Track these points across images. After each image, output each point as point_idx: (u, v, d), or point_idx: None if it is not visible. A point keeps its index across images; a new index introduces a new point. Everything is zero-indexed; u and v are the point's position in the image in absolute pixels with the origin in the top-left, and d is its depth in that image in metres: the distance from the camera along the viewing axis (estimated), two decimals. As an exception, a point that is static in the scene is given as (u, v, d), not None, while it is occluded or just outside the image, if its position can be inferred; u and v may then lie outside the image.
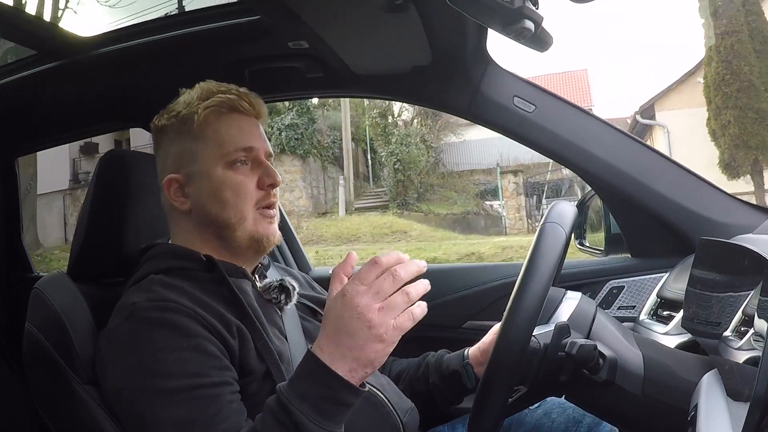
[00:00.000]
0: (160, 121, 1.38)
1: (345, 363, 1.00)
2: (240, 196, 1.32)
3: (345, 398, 1.01)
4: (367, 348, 0.99)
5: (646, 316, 1.76)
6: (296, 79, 1.94)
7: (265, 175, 1.35)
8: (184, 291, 1.21)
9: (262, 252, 1.38)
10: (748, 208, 1.79)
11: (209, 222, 1.33)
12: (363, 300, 0.98)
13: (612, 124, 1.89)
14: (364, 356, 0.99)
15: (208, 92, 1.36)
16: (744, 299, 1.07)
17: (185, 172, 1.34)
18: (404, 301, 0.99)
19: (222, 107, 1.34)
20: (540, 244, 1.12)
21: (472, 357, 1.51)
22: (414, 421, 1.41)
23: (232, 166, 1.32)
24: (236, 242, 1.33)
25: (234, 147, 1.32)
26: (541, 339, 1.14)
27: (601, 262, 2.09)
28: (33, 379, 1.35)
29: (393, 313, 0.99)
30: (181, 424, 1.07)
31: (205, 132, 1.33)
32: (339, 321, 1.00)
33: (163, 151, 1.39)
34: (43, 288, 1.35)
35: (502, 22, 1.00)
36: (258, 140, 1.37)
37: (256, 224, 1.33)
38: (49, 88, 1.96)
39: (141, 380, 1.11)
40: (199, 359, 1.13)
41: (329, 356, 1.00)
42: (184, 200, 1.34)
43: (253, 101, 1.38)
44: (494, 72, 1.88)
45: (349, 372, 1.00)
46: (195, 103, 1.34)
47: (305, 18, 1.50)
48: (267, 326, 1.28)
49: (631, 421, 1.18)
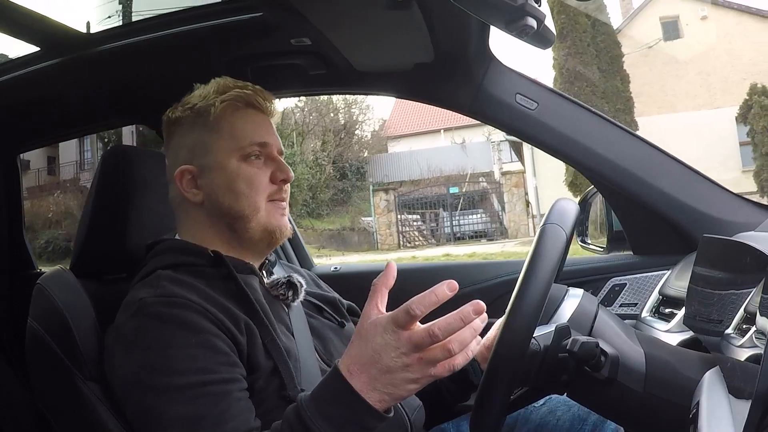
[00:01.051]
0: (174, 114, 1.38)
1: (376, 393, 0.99)
2: (254, 188, 1.32)
3: (369, 423, 1.01)
4: (401, 387, 0.99)
5: (648, 314, 1.76)
6: (299, 76, 1.94)
7: (278, 170, 1.36)
8: (192, 286, 1.21)
9: (273, 244, 1.38)
10: (751, 206, 1.79)
11: (222, 214, 1.33)
12: (405, 348, 0.97)
13: (615, 122, 1.89)
14: (397, 393, 1.00)
15: (224, 87, 1.37)
16: (746, 297, 1.07)
17: (198, 163, 1.34)
18: (444, 356, 0.98)
19: (238, 101, 1.36)
20: (540, 245, 1.12)
21: (477, 353, 1.50)
22: (420, 419, 1.41)
23: (247, 159, 1.33)
24: (249, 234, 1.33)
25: (249, 141, 1.34)
26: (541, 341, 1.14)
27: (603, 259, 2.09)
28: (35, 375, 1.35)
29: (432, 364, 0.98)
30: (189, 421, 1.07)
31: (221, 125, 1.34)
32: (377, 356, 0.99)
33: (175, 143, 1.39)
34: (45, 284, 1.35)
35: (505, 19, 1.00)
36: (272, 137, 1.38)
37: (270, 216, 1.34)
38: (52, 85, 1.96)
39: (149, 377, 1.11)
40: (208, 355, 1.12)
41: (361, 384, 0.99)
42: (197, 192, 1.34)
43: (267, 98, 1.40)
44: (497, 69, 1.88)
45: (379, 402, 1.00)
46: (212, 96, 1.35)
47: (308, 15, 1.50)
48: (274, 322, 1.27)
49: (633, 418, 1.18)
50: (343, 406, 1.00)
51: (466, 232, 19.73)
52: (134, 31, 1.79)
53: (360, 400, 0.99)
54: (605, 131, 1.86)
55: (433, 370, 0.98)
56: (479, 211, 20.02)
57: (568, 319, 1.20)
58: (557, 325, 1.14)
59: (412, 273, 2.38)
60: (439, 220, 20.62)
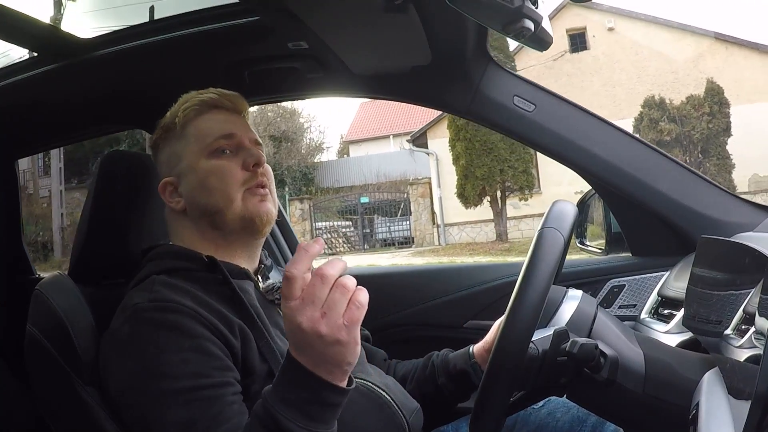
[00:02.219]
0: (153, 138, 1.44)
1: (321, 367, 0.98)
2: (225, 181, 1.33)
3: (330, 399, 1.00)
4: (329, 353, 0.96)
5: (647, 315, 1.76)
6: (296, 80, 1.94)
7: (248, 156, 1.36)
8: (187, 291, 1.21)
9: (257, 233, 1.37)
10: (749, 207, 1.79)
11: (201, 213, 1.34)
12: (302, 316, 0.94)
13: (613, 123, 1.89)
14: (332, 360, 0.97)
15: (187, 98, 1.42)
16: (745, 297, 1.07)
17: (176, 172, 1.38)
18: (343, 294, 0.95)
19: (201, 106, 1.39)
20: (538, 249, 1.12)
21: (478, 355, 1.50)
22: (419, 421, 1.41)
23: (215, 155, 1.35)
24: (229, 227, 1.34)
25: (214, 136, 1.36)
26: (539, 345, 1.14)
27: (601, 261, 2.09)
28: (34, 380, 1.35)
29: (338, 313, 0.94)
30: (183, 425, 1.07)
31: (186, 131, 1.38)
32: (294, 337, 0.97)
33: (158, 163, 1.44)
34: (44, 289, 1.35)
35: (502, 21, 1.00)
36: (239, 128, 1.40)
37: (246, 203, 1.34)
38: (49, 90, 1.96)
39: (143, 382, 1.11)
40: (201, 360, 1.13)
41: (308, 363, 0.98)
42: (179, 200, 1.37)
43: (233, 98, 1.43)
44: (494, 72, 1.88)
45: (329, 374, 0.98)
46: (175, 109, 1.40)
47: (305, 18, 1.50)
48: (269, 326, 1.28)
49: (633, 419, 1.18)
50: (301, 388, 0.99)
51: (397, 239, 20.27)
52: (131, 35, 1.79)
53: (314, 377, 0.98)
54: (603, 133, 1.86)
55: (342, 319, 0.94)
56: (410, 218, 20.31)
57: (567, 321, 1.20)
58: (555, 330, 1.14)
59: (408, 275, 2.39)
60: (374, 226, 21.00)
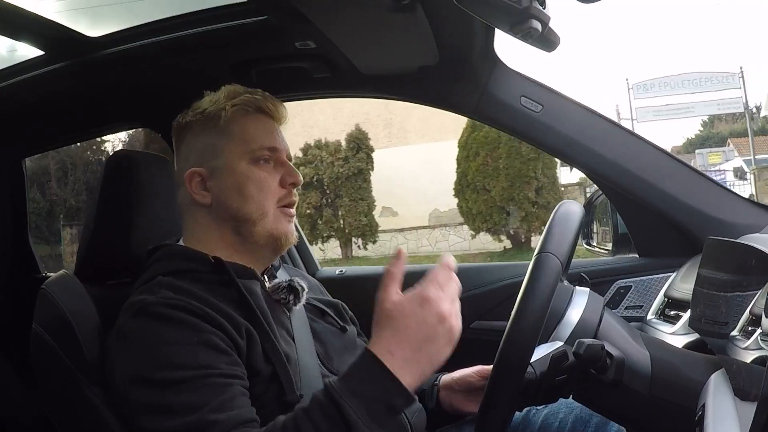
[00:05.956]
0: (184, 118, 1.40)
1: (416, 368, 1.01)
2: (263, 192, 1.33)
3: (398, 403, 1.01)
4: (442, 352, 1.02)
5: (653, 316, 1.76)
6: (303, 80, 1.95)
7: (287, 174, 1.37)
8: (193, 293, 1.21)
9: (279, 251, 1.39)
10: (756, 208, 1.79)
11: (229, 216, 1.34)
12: (445, 305, 1.02)
13: (619, 124, 1.89)
14: (436, 360, 1.02)
15: (234, 92, 1.39)
16: (751, 299, 1.07)
17: (209, 166, 1.35)
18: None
19: (248, 106, 1.38)
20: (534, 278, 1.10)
21: (443, 380, 1.54)
22: (422, 422, 1.41)
23: (257, 163, 1.35)
24: (254, 238, 1.34)
25: (259, 145, 1.35)
26: (537, 367, 1.13)
27: (608, 261, 2.09)
28: (39, 379, 1.35)
29: (459, 316, 1.03)
30: (192, 408, 1.06)
31: (231, 128, 1.36)
32: (423, 327, 1.01)
33: (185, 147, 1.40)
34: (50, 288, 1.35)
35: (510, 22, 1.00)
36: (281, 142, 1.40)
37: (277, 222, 1.34)
38: (56, 89, 1.96)
39: (151, 372, 1.11)
40: (210, 353, 1.13)
41: (402, 362, 1.01)
42: (206, 194, 1.35)
43: (277, 105, 1.42)
44: (501, 72, 1.87)
45: (417, 378, 1.02)
46: (222, 101, 1.37)
47: (312, 18, 1.50)
48: (275, 327, 1.27)
49: (639, 421, 1.18)
50: (374, 385, 1.01)
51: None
52: (139, 34, 1.79)
53: (392, 378, 1.00)
54: (610, 134, 1.86)
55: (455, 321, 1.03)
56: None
57: (575, 324, 1.19)
58: (553, 354, 1.13)
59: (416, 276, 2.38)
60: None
